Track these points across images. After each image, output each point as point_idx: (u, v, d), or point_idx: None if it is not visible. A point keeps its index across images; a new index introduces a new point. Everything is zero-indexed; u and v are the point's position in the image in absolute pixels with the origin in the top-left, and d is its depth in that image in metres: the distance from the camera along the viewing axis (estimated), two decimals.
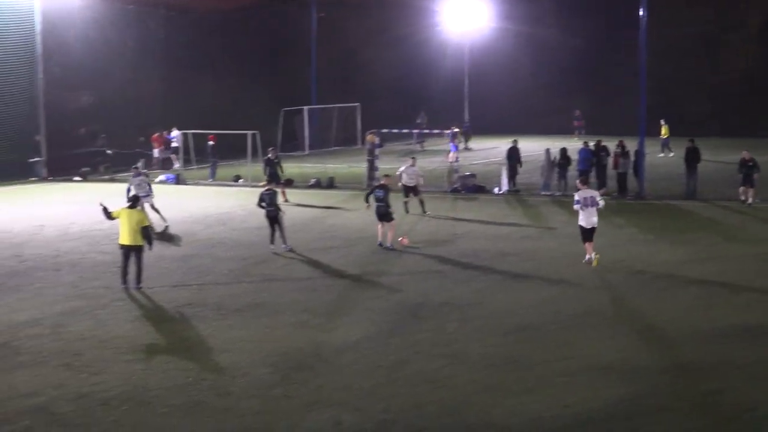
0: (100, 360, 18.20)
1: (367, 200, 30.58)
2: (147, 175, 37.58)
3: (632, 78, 48.12)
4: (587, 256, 26.86)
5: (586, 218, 26.57)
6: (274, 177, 40.36)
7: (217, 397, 16.06)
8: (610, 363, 17.73)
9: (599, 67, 76.76)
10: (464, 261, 27.79)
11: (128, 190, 33.32)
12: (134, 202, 24.61)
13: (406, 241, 30.31)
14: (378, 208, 29.98)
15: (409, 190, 36.53)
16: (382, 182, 31.02)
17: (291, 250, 29.14)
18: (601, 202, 26.81)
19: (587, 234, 26.77)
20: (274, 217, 29.41)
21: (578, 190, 27.29)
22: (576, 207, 26.73)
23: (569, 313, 21.57)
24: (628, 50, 59.44)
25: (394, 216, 30.41)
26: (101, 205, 24.76)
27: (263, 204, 29.48)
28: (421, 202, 36.48)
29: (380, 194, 30.06)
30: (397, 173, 36.57)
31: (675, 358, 18.22)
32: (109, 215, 24.63)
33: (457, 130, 59.02)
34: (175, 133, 55.37)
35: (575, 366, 17.61)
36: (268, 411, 15.42)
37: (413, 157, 38.49)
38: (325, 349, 18.86)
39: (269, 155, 42.59)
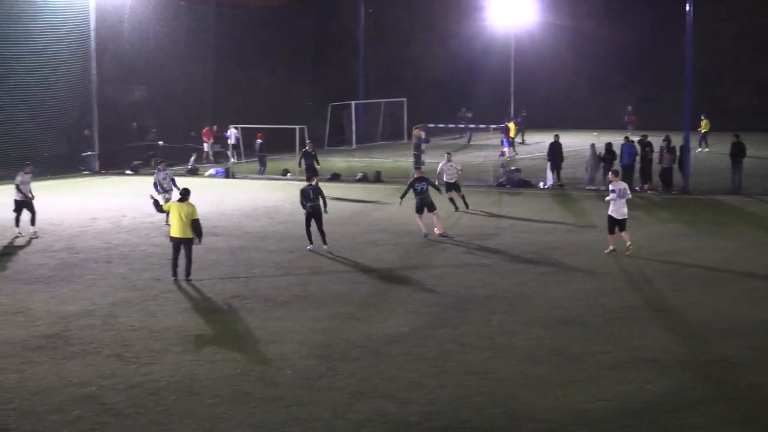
0: (150, 351, 18.31)
1: (403, 197, 31.14)
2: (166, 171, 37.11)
3: (678, 73, 47.71)
4: (610, 247, 27.30)
5: (618, 209, 27.06)
6: (311, 170, 40.55)
7: (264, 388, 16.10)
8: (654, 356, 17.60)
9: (644, 62, 76.23)
10: (509, 254, 27.71)
11: (155, 185, 33.58)
12: (185, 195, 24.59)
13: (439, 231, 30.57)
14: (422, 200, 30.21)
15: (451, 187, 36.06)
16: (416, 175, 31.38)
17: (330, 252, 28.01)
18: (630, 195, 27.63)
19: (616, 224, 27.19)
20: (317, 213, 28.07)
21: (611, 182, 27.95)
22: (612, 197, 27.08)
23: (613, 306, 21.44)
24: (673, 44, 58.92)
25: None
26: (152, 197, 24.88)
27: (306, 202, 28.09)
28: (462, 198, 36.14)
29: (422, 186, 30.31)
30: (437, 172, 36.06)
31: (719, 351, 18.04)
32: (159, 208, 24.76)
33: (509, 124, 58.94)
34: (231, 130, 55.54)
35: (620, 359, 17.50)
36: (315, 401, 15.43)
37: (448, 153, 37.89)
38: (371, 341, 18.86)
39: (306, 148, 42.73)
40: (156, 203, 24.66)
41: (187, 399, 15.62)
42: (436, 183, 33.29)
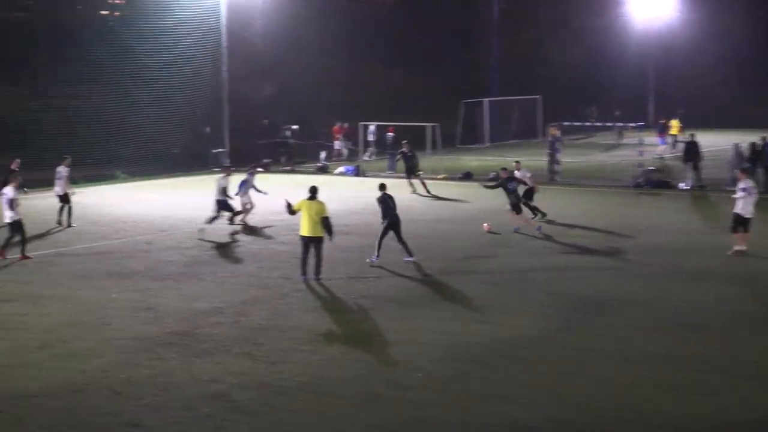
0: (279, 350, 18.58)
1: (491, 188, 32.08)
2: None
3: None
4: (735, 248, 27.02)
5: (745, 207, 26.89)
6: (411, 171, 40.62)
7: (393, 390, 16.22)
8: None
9: None
10: (644, 256, 27.38)
11: (240, 186, 34.09)
12: (313, 192, 24.74)
13: (487, 227, 31.14)
14: (516, 197, 31.01)
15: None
16: (504, 175, 31.64)
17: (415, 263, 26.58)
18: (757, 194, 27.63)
19: (743, 223, 26.97)
20: (397, 223, 26.92)
21: (739, 180, 27.92)
22: (742, 195, 26.94)
23: (750, 313, 21.02)
24: None
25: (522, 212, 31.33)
26: (286, 202, 24.97)
27: (386, 211, 26.87)
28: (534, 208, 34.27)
29: (513, 186, 31.10)
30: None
31: None
32: (291, 211, 24.91)
33: (671, 122, 58.17)
34: (371, 127, 55.84)
35: (760, 369, 17.16)
36: (443, 405, 15.49)
37: (517, 161, 36.44)
38: (501, 344, 18.84)
39: (403, 149, 42.63)
40: (289, 206, 24.82)
41: (314, 399, 15.82)
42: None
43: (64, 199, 33.45)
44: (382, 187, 27.55)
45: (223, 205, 32.74)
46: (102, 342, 19.22)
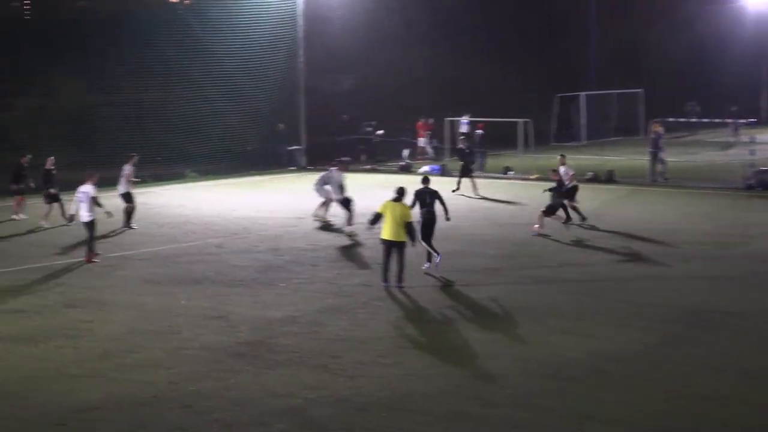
0: (358, 362, 18.62)
1: (550, 190, 32.38)
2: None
3: None
4: None
5: None
6: (465, 171, 40.45)
7: (481, 407, 16.16)
8: None
9: None
10: (754, 265, 27.01)
11: (322, 183, 34.41)
12: (400, 194, 24.66)
13: (537, 228, 31.43)
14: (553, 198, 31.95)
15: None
16: (553, 177, 32.75)
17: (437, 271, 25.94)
18: None
19: None
20: (432, 222, 26.37)
21: None
22: None
23: None
24: None
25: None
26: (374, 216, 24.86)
27: (421, 207, 26.34)
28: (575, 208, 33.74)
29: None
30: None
31: None
32: (376, 219, 24.85)
33: None
34: (465, 119, 55.71)
35: None
36: (537, 424, 15.43)
37: (562, 155, 35.94)
38: (596, 359, 18.72)
39: (461, 145, 42.37)
40: (375, 217, 24.64)
41: (397, 416, 15.83)
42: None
43: (127, 198, 33.83)
44: (425, 180, 27.23)
45: (345, 202, 33.13)
46: (170, 352, 19.44)
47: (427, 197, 26.42)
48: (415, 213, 25.64)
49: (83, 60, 49.06)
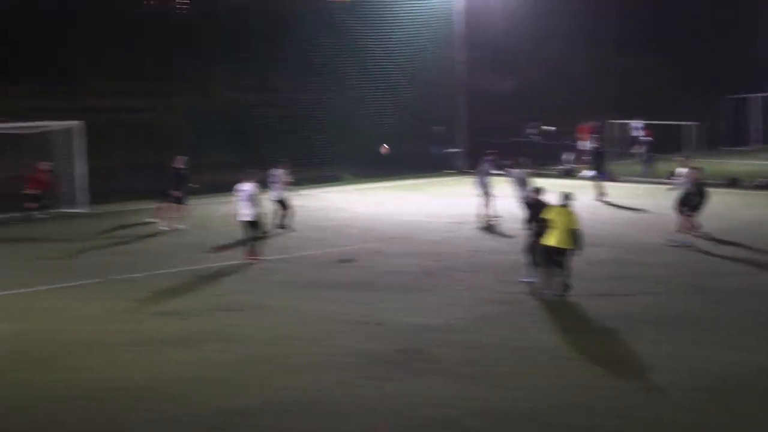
0: (516, 373, 18.56)
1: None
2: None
3: None
4: None
5: None
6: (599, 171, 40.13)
7: (643, 423, 15.95)
8: None
9: None
10: None
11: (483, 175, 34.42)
12: (568, 200, 24.49)
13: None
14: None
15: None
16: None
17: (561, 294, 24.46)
18: None
19: None
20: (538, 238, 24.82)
21: None
22: None
23: None
24: None
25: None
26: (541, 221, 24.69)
27: (534, 217, 25.42)
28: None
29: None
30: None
31: None
32: (544, 224, 24.42)
33: None
34: (638, 123, 55.01)
35: None
36: None
37: (686, 157, 34.77)
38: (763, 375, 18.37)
39: (594, 144, 41.78)
40: (543, 223, 24.43)
41: (553, 430, 15.72)
42: None
43: (282, 204, 34.17)
44: (537, 191, 26.45)
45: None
46: (325, 358, 19.62)
47: (537, 209, 25.31)
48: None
49: (239, 60, 49.83)
